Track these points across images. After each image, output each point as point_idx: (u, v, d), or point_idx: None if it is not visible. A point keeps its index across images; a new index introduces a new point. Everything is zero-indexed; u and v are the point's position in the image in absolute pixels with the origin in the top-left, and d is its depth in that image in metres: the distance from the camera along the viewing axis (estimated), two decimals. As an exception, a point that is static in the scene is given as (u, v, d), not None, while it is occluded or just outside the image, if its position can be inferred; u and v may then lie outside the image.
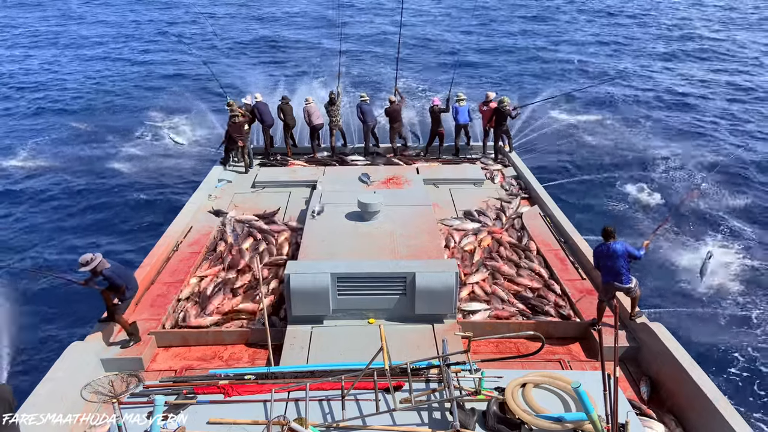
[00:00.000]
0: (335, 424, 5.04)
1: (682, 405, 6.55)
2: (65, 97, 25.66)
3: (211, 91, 24.27)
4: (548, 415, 4.79)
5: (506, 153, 14.18)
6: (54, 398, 6.29)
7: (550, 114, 20.75)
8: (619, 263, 7.24)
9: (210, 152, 17.23)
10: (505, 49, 33.06)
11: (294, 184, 12.67)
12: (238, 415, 5.13)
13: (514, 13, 44.64)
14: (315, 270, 7.63)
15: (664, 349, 6.94)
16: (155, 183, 17.00)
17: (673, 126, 21.45)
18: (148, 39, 37.48)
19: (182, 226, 10.71)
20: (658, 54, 32.67)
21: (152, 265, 9.23)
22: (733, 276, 12.17)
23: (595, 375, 5.17)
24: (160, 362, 7.55)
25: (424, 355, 6.15)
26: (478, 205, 11.56)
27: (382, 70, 27.80)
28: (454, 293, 7.60)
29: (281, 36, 37.21)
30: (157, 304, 8.48)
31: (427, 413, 5.17)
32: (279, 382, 5.59)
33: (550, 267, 9.35)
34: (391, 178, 11.97)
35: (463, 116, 14.05)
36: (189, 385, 5.71)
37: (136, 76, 29.25)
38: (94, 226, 14.73)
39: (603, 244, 7.38)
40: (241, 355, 7.66)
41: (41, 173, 17.66)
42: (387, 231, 8.90)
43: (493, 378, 5.43)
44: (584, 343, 7.81)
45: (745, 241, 13.65)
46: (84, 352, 7.14)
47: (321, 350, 7.20)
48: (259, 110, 13.94)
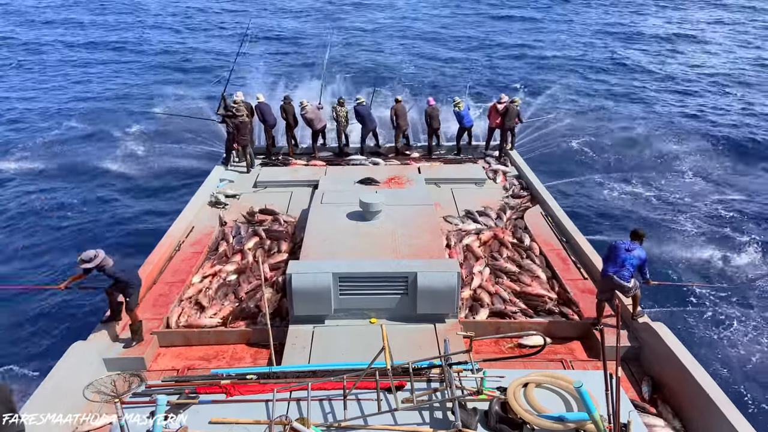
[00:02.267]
0: (337, 423, 5.05)
1: (684, 405, 6.55)
2: (63, 96, 25.70)
3: (212, 89, 24.40)
4: (550, 415, 4.79)
5: (508, 152, 14.19)
6: (56, 398, 6.29)
7: (552, 113, 20.74)
8: (629, 260, 7.28)
9: (212, 151, 17.23)
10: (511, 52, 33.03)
11: (295, 183, 12.68)
12: (240, 415, 5.14)
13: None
14: (317, 270, 7.63)
15: (666, 349, 6.94)
16: (156, 182, 17.02)
17: (679, 123, 21.37)
18: (149, 34, 37.52)
19: (184, 226, 10.73)
20: (666, 48, 32.60)
21: (154, 265, 9.25)
22: (736, 275, 12.17)
23: (597, 375, 5.17)
24: (162, 362, 7.56)
25: (426, 354, 6.15)
26: (479, 205, 11.56)
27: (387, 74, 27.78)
28: (455, 293, 7.60)
29: (285, 35, 37.22)
30: (159, 303, 8.49)
31: (428, 413, 5.17)
32: (281, 382, 5.60)
33: (552, 267, 9.34)
34: (392, 177, 11.98)
35: (468, 119, 14.19)
36: (191, 385, 5.73)
37: (136, 73, 29.29)
38: (95, 226, 14.73)
39: (627, 242, 7.43)
40: (243, 355, 7.67)
41: (38, 174, 17.67)
42: (389, 230, 8.90)
43: (495, 378, 5.43)
44: (586, 343, 7.80)
45: (749, 240, 13.62)
46: (86, 352, 7.14)
47: (323, 350, 7.20)
48: (261, 111, 13.94)
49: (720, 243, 13.45)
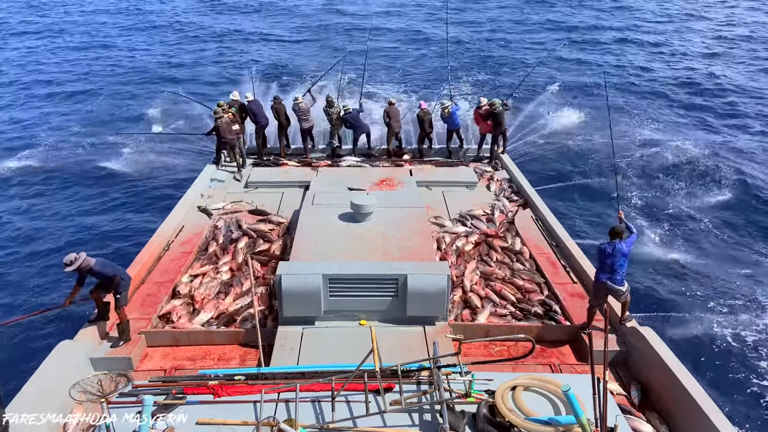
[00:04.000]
0: (325, 425, 5.04)
1: (672, 409, 6.60)
2: (61, 95, 25.51)
3: (211, 89, 24.30)
4: (538, 418, 4.81)
5: (499, 155, 14.22)
6: (42, 397, 6.24)
7: (544, 117, 20.78)
8: (619, 262, 7.30)
9: (202, 150, 17.15)
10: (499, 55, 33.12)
11: (287, 184, 12.65)
12: (227, 416, 5.12)
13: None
14: (307, 271, 7.62)
15: (653, 354, 6.99)
16: (147, 182, 16.89)
17: (671, 125, 21.46)
18: (144, 35, 37.32)
19: (174, 226, 10.67)
20: (659, 52, 32.78)
21: (143, 264, 9.19)
22: (723, 280, 12.26)
23: (584, 378, 5.20)
24: (149, 362, 7.51)
25: (415, 357, 6.15)
26: (470, 208, 11.56)
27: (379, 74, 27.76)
28: (445, 295, 7.61)
29: (281, 35, 37.15)
30: (147, 303, 8.44)
31: (417, 415, 5.17)
32: (269, 383, 5.58)
33: (542, 270, 9.38)
34: (384, 179, 11.98)
35: (456, 120, 14.14)
36: (178, 385, 5.70)
37: (130, 72, 29.11)
38: (84, 225, 14.62)
39: (608, 243, 7.41)
40: (231, 356, 7.63)
41: (34, 173, 17.52)
42: (379, 232, 8.90)
43: (484, 380, 5.45)
44: (575, 347, 7.84)
45: (736, 244, 13.75)
46: (73, 351, 7.09)
47: (312, 351, 7.19)
48: (252, 110, 13.84)
49: (709, 247, 13.56)
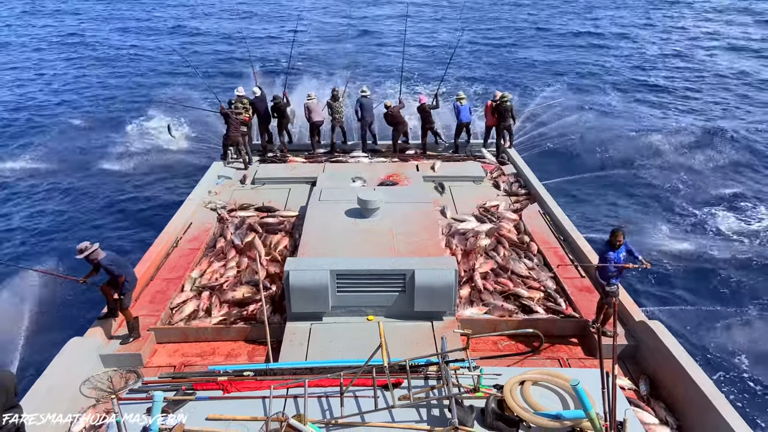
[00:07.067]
0: (334, 420, 5.05)
1: (681, 403, 6.57)
2: (61, 95, 25.60)
3: (211, 86, 24.22)
4: (547, 413, 4.80)
5: (506, 150, 14.17)
6: (53, 394, 6.29)
7: (551, 111, 20.68)
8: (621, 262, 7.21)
9: (210, 148, 17.19)
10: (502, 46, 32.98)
11: (293, 180, 12.66)
12: (236, 412, 5.14)
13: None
14: (314, 267, 7.62)
15: (662, 348, 6.95)
16: (155, 179, 16.96)
17: (681, 122, 21.31)
18: (147, 33, 37.40)
19: (182, 222, 10.71)
20: (665, 48, 32.55)
21: (151, 261, 9.23)
22: (731, 272, 12.17)
23: (593, 373, 5.18)
24: (159, 358, 7.55)
25: (423, 352, 6.15)
26: (478, 203, 11.53)
27: (387, 62, 27.67)
28: (453, 290, 7.60)
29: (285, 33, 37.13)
30: (156, 300, 8.48)
31: (425, 410, 5.18)
32: (278, 379, 5.60)
33: (550, 265, 9.35)
34: (390, 175, 11.96)
35: (465, 115, 14.11)
36: (188, 382, 5.73)
37: (133, 71, 29.20)
38: (93, 222, 14.70)
39: (614, 252, 7.08)
40: (240, 352, 7.66)
41: (37, 172, 17.60)
42: (386, 228, 8.89)
43: (492, 375, 5.44)
44: (583, 341, 7.81)
45: (745, 236, 13.64)
46: (83, 348, 7.14)
47: (320, 347, 7.20)
48: (257, 107, 13.90)
49: (717, 240, 13.46)
